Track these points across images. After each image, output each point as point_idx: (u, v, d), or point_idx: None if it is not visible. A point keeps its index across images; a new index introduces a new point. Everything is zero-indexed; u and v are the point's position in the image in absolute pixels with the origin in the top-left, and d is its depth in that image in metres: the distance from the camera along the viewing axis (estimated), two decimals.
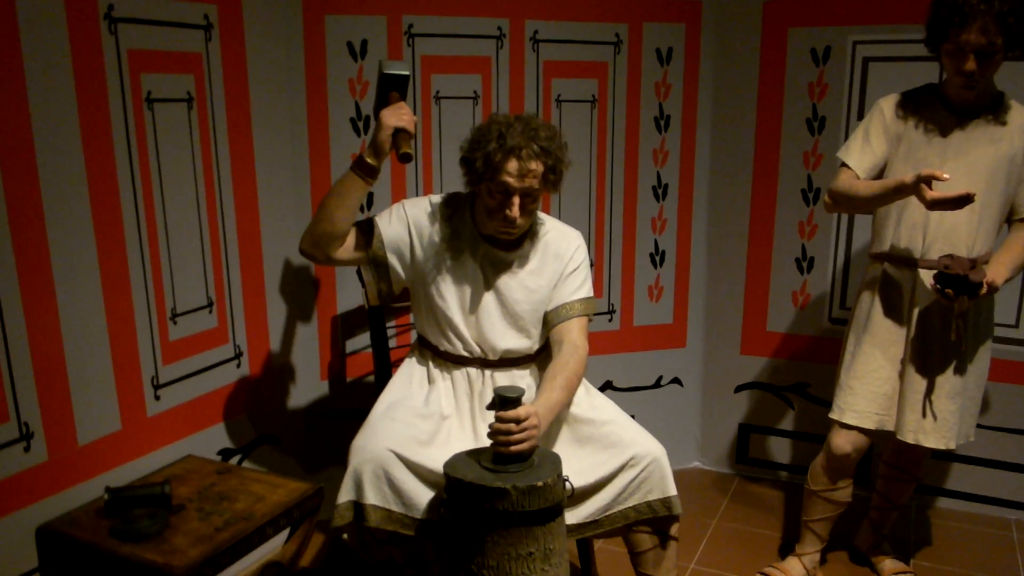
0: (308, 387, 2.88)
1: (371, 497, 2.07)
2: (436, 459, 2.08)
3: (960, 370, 2.38)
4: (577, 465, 2.22)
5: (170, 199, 2.33)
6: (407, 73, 2.16)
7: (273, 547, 2.43)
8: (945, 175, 2.10)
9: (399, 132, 2.08)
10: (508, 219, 2.12)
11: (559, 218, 2.99)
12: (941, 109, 2.33)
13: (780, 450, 3.32)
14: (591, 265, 2.40)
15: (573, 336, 2.26)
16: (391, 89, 2.16)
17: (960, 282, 2.20)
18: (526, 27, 2.87)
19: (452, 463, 2.00)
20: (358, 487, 2.08)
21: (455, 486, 1.95)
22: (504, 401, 1.95)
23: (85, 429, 2.14)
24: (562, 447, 2.27)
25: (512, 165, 2.08)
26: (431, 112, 2.82)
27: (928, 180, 2.12)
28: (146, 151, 2.25)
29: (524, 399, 1.99)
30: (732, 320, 3.28)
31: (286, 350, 2.80)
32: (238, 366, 2.62)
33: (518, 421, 1.93)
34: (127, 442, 2.28)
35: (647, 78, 3.05)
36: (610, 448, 2.23)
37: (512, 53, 2.88)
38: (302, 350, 2.85)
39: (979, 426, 2.97)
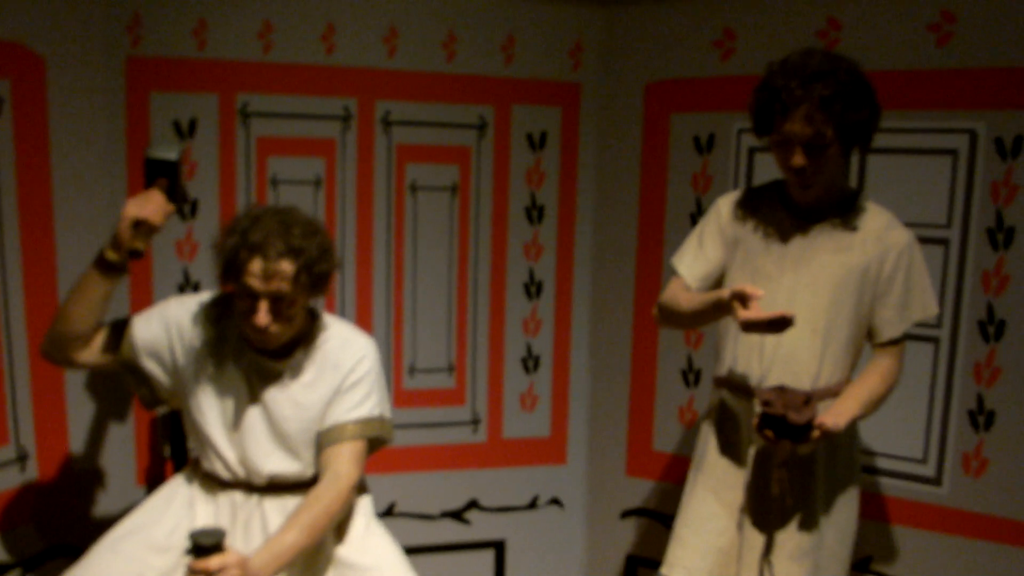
0: (121, 494, 2.61)
1: None
2: None
3: (808, 525, 1.97)
4: None
5: None
6: (173, 158, 1.96)
7: None
8: (759, 292, 1.75)
9: (140, 224, 1.87)
10: (255, 326, 1.86)
11: (413, 315, 2.76)
12: (782, 210, 1.99)
13: None
14: (384, 378, 2.10)
15: (339, 464, 1.95)
16: (158, 175, 1.95)
17: (780, 423, 1.82)
18: (376, 108, 2.66)
19: None
20: None
21: None
22: (199, 548, 1.66)
23: None
24: None
25: (256, 265, 1.82)
26: (267, 199, 2.61)
27: (741, 297, 1.77)
28: None
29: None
30: (617, 436, 2.92)
31: (92, 452, 2.56)
32: (22, 470, 2.39)
33: (209, 573, 1.64)
34: None
35: (517, 165, 2.79)
36: None
37: (360, 135, 2.66)
38: (114, 452, 2.59)
39: None
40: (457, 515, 2.90)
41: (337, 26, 2.60)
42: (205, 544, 1.65)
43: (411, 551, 2.83)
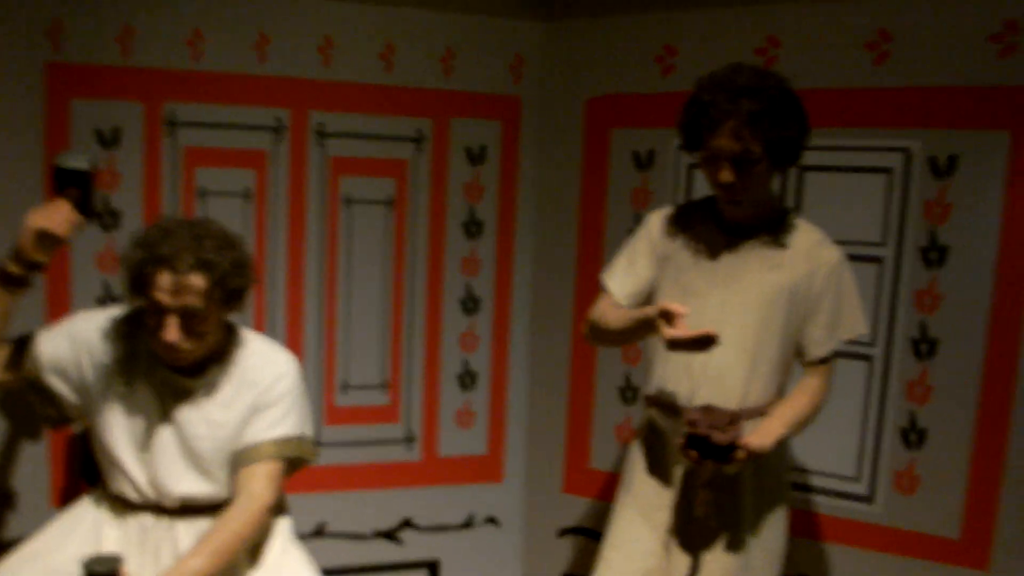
0: (33, 516, 2.48)
1: None
2: None
3: (735, 546, 1.93)
4: None
5: None
6: (84, 168, 1.88)
7: None
8: (683, 309, 1.72)
9: (45, 236, 1.79)
10: (164, 343, 1.78)
11: (347, 331, 2.69)
12: (713, 226, 1.96)
13: None
14: (305, 397, 2.03)
15: (253, 486, 1.87)
16: (69, 185, 1.88)
17: (704, 443, 1.78)
18: (310, 118, 2.60)
19: None
20: None
21: None
22: None
23: None
24: None
25: (165, 279, 1.75)
26: (195, 211, 2.53)
27: (667, 315, 1.74)
28: None
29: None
30: (554, 454, 2.87)
31: (2, 472, 2.44)
32: None
33: None
34: None
35: (455, 179, 2.74)
36: None
37: (293, 147, 2.60)
38: (26, 472, 2.48)
39: None
40: (390, 535, 2.83)
41: (270, 35, 2.54)
42: (99, 572, 1.57)
43: (342, 572, 2.79)
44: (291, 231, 2.63)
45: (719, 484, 1.90)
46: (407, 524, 2.85)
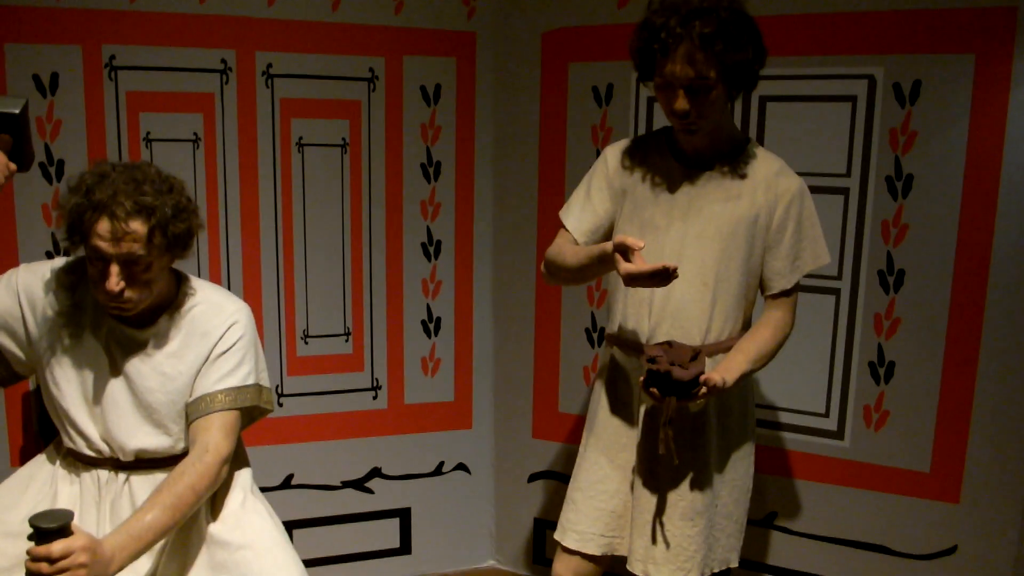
0: None
1: None
2: None
3: (700, 484, 1.91)
4: None
5: None
6: (15, 111, 1.78)
7: None
8: (639, 243, 1.67)
9: None
10: (108, 292, 1.71)
11: (305, 279, 2.63)
12: (670, 157, 1.90)
13: None
14: (258, 344, 1.97)
15: (207, 437, 1.80)
16: (1, 131, 1.79)
17: (666, 380, 1.74)
18: (256, 59, 2.50)
19: None
20: None
21: None
22: (40, 533, 1.52)
23: None
24: (198, 574, 1.84)
25: (103, 226, 1.66)
26: (141, 157, 2.44)
27: (623, 249, 1.69)
28: None
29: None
30: (523, 398, 2.84)
31: None
32: None
33: (51, 560, 1.51)
34: None
35: (410, 119, 2.66)
36: None
37: (240, 89, 2.50)
38: None
39: (793, 533, 2.52)
40: (359, 484, 2.81)
41: None
42: (47, 528, 1.50)
43: (313, 523, 2.77)
44: (243, 176, 2.54)
45: (682, 421, 1.86)
46: (376, 473, 2.82)
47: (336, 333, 2.70)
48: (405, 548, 2.89)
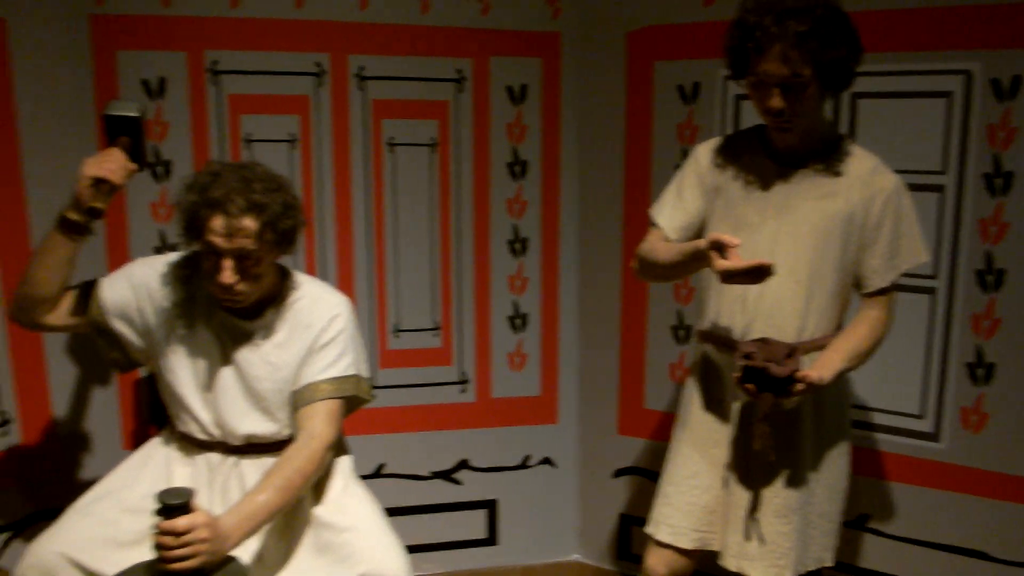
0: (106, 457, 2.57)
1: None
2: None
3: (795, 481, 1.91)
4: None
5: None
6: (133, 115, 1.90)
7: None
8: (735, 240, 1.68)
9: (100, 183, 1.82)
10: (221, 285, 1.81)
11: (396, 275, 2.70)
12: (763, 155, 1.90)
13: None
14: (360, 337, 2.05)
15: (312, 424, 1.91)
16: (120, 133, 1.91)
17: (762, 376, 1.75)
18: (349, 63, 2.57)
19: None
20: None
21: None
22: (166, 508, 1.62)
23: None
24: (303, 555, 1.94)
25: (218, 222, 1.77)
26: (241, 157, 2.54)
27: (718, 246, 1.70)
28: None
29: None
30: (608, 394, 2.85)
31: (76, 416, 2.53)
32: (4, 434, 2.37)
33: (177, 533, 1.60)
34: None
35: (497, 119, 2.70)
36: (343, 562, 1.90)
37: (334, 91, 2.58)
38: (98, 416, 2.57)
39: (886, 536, 2.49)
40: (448, 475, 2.87)
41: None
42: (172, 504, 1.60)
43: (402, 511, 2.83)
44: (336, 176, 2.62)
45: (777, 418, 1.86)
46: (464, 465, 2.88)
47: (426, 328, 2.77)
48: (491, 539, 2.94)
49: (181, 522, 1.59)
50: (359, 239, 2.67)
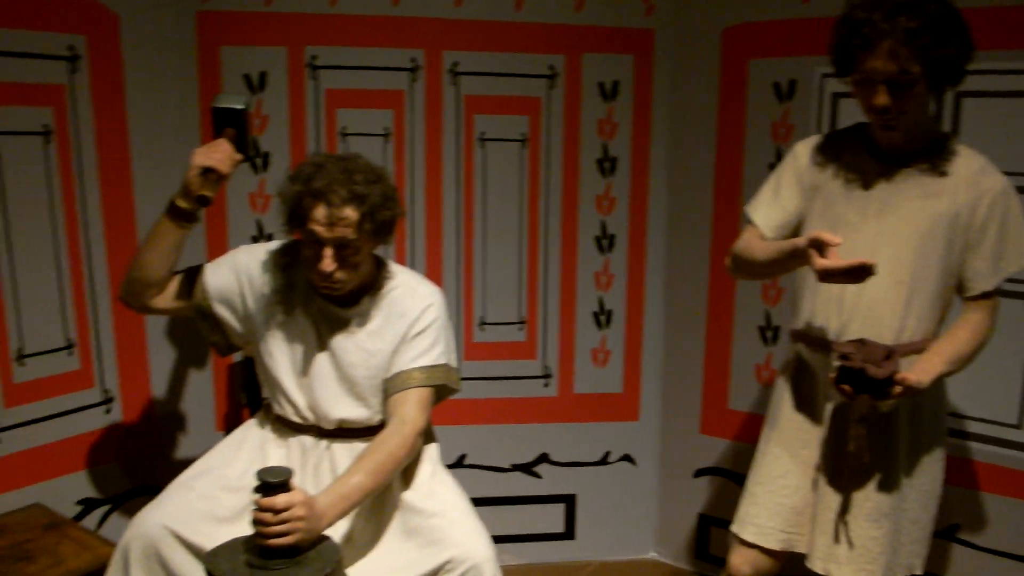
0: (201, 438, 2.68)
1: None
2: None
3: (888, 486, 1.87)
4: (394, 560, 1.94)
5: (18, 236, 2.23)
6: (239, 107, 1.97)
7: None
8: (836, 239, 1.66)
9: (208, 172, 1.89)
10: (321, 273, 1.86)
11: (483, 268, 2.73)
12: (865, 154, 1.87)
13: None
14: (451, 327, 2.09)
15: (404, 410, 1.95)
16: (226, 125, 1.97)
17: (859, 377, 1.72)
18: (443, 58, 2.61)
19: (216, 551, 1.75)
20: (126, 566, 1.86)
21: None
22: (266, 486, 1.68)
23: None
24: (391, 538, 1.98)
25: (320, 212, 1.82)
26: (337, 151, 2.60)
27: (819, 245, 1.68)
28: None
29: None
30: (691, 394, 2.84)
31: (173, 397, 2.63)
32: (107, 412, 2.48)
33: (275, 510, 1.66)
34: None
35: (588, 115, 2.71)
36: (431, 546, 1.92)
37: (428, 86, 2.62)
38: (194, 398, 2.67)
39: (976, 548, 2.42)
40: (528, 468, 2.90)
41: None
42: (272, 482, 1.66)
43: (481, 502, 2.84)
44: (428, 169, 2.67)
45: (873, 421, 1.83)
46: (544, 459, 2.90)
47: (511, 321, 2.80)
48: (569, 533, 2.96)
49: (280, 499, 1.64)
50: (448, 232, 2.72)
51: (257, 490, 1.68)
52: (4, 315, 2.23)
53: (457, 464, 2.82)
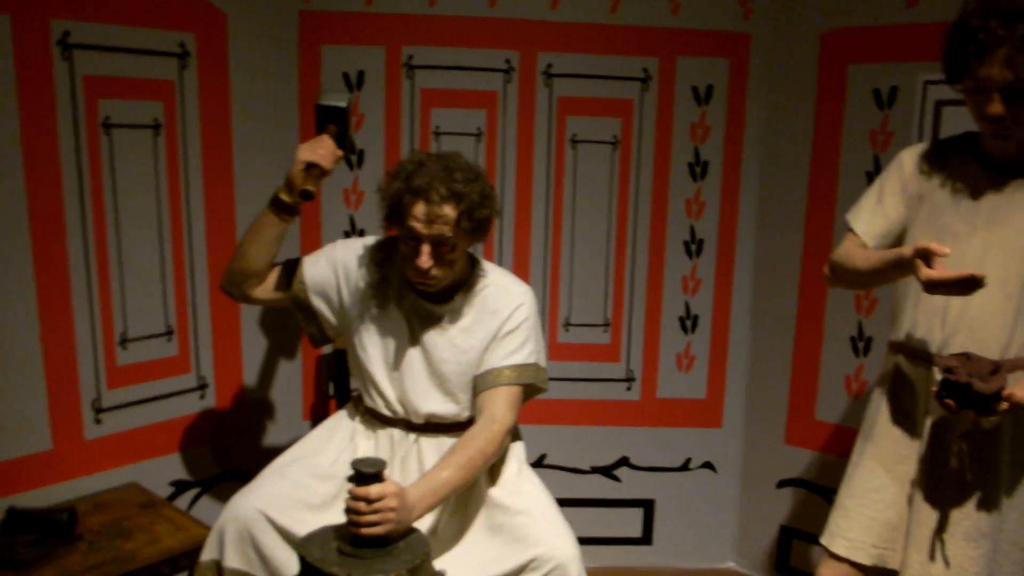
0: (288, 426, 2.76)
1: (232, 560, 1.91)
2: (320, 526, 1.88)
3: (988, 505, 1.81)
4: (479, 556, 1.94)
5: (127, 225, 2.32)
6: (343, 105, 2.02)
7: None
8: (945, 250, 1.62)
9: (311, 167, 1.94)
10: (418, 269, 1.89)
11: (570, 269, 2.74)
12: (974, 163, 1.82)
13: None
14: (543, 327, 2.11)
15: (494, 408, 1.97)
16: (328, 121, 2.03)
17: (964, 392, 1.68)
18: (538, 60, 2.63)
19: (309, 537, 1.78)
20: (221, 546, 1.92)
21: (301, 563, 1.74)
22: (360, 476, 1.72)
23: (6, 444, 2.15)
24: (476, 533, 2.00)
25: (419, 209, 1.85)
26: (430, 149, 2.64)
27: (925, 255, 1.64)
28: (99, 174, 2.25)
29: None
30: (777, 403, 2.79)
31: (263, 386, 2.71)
32: (201, 397, 2.56)
33: (369, 500, 1.69)
34: (59, 463, 2.27)
35: (681, 119, 2.70)
36: (516, 543, 1.93)
37: (521, 88, 2.65)
38: (283, 388, 2.74)
39: None
40: (607, 471, 2.89)
41: None
42: (366, 472, 1.69)
43: (560, 503, 2.85)
44: (519, 170, 2.69)
45: (976, 437, 1.78)
46: (624, 462, 2.89)
47: (596, 323, 2.80)
48: (647, 539, 2.95)
49: (373, 490, 1.67)
50: (537, 232, 2.73)
51: (351, 479, 1.71)
52: (111, 301, 2.32)
53: (537, 464, 2.84)
